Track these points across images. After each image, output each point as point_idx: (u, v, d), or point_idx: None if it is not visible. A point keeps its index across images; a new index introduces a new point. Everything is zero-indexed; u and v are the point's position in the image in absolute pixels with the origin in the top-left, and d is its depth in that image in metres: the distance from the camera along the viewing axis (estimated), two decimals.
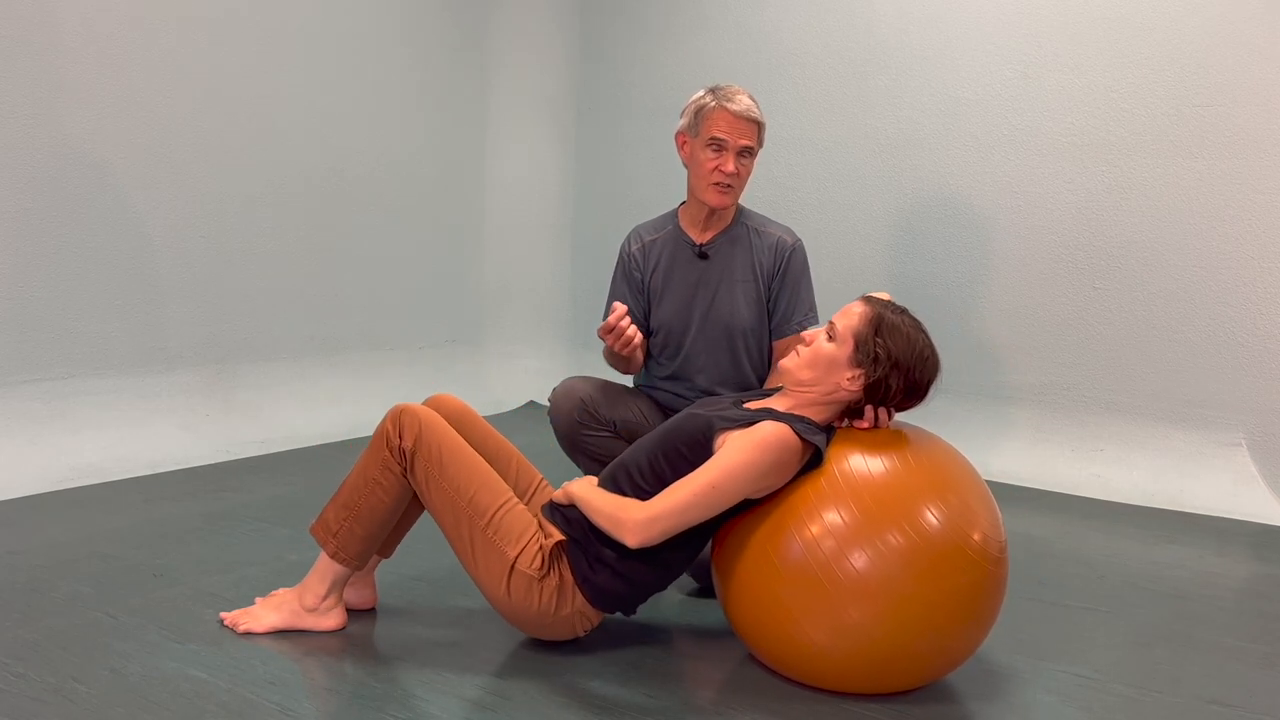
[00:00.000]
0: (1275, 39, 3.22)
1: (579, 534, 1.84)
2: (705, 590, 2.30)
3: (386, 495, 1.87)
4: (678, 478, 1.76)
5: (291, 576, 2.15)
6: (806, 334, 1.85)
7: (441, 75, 4.44)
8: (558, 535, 1.84)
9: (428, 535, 2.62)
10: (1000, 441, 3.69)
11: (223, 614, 1.97)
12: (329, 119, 3.94)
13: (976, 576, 1.65)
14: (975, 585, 1.65)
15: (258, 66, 3.64)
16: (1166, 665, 1.99)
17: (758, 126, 2.34)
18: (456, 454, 1.85)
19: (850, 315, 1.81)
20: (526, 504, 1.99)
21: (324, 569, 1.92)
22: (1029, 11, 3.62)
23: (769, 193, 4.14)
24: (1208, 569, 2.66)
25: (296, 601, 1.94)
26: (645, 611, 2.16)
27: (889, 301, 1.84)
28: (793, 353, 1.85)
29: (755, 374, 2.43)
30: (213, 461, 3.32)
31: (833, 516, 1.65)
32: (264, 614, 1.93)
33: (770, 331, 2.48)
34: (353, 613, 2.02)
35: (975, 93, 3.74)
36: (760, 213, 2.55)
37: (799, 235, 2.50)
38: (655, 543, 1.73)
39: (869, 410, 1.82)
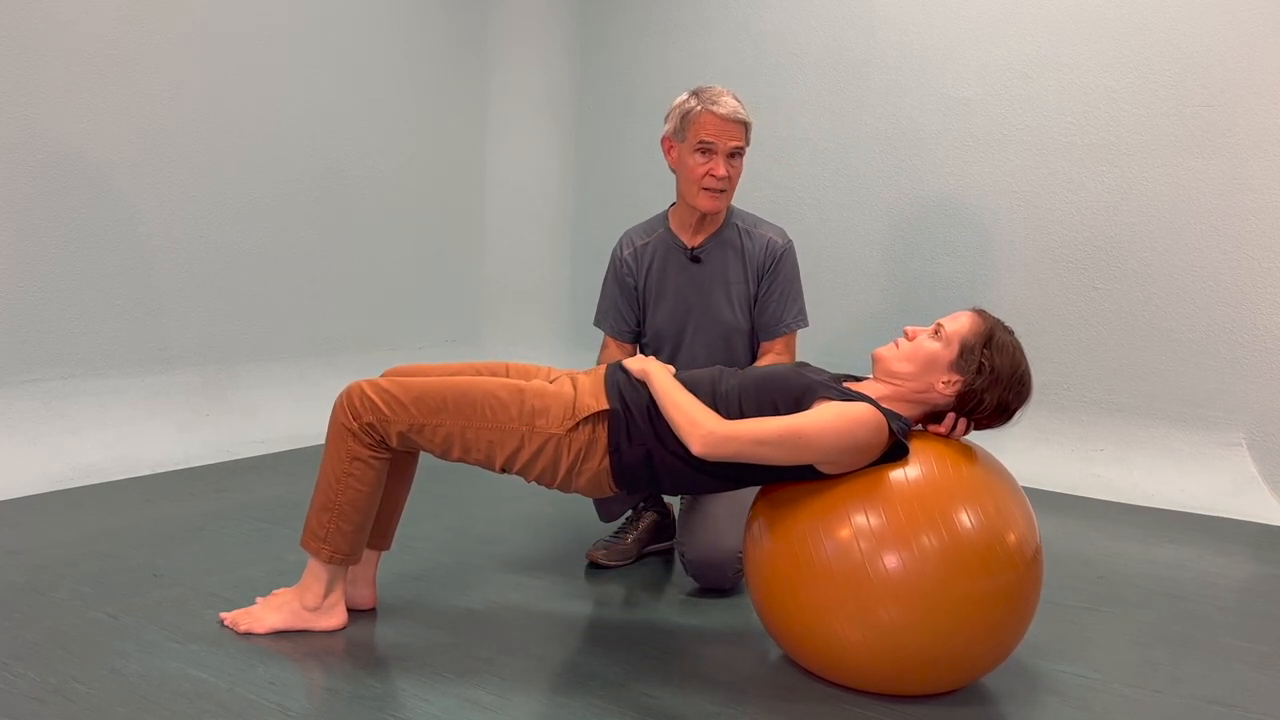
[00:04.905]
0: (1276, 38, 3.22)
1: (635, 410, 1.85)
2: (705, 589, 2.31)
3: (362, 484, 1.87)
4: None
5: (291, 576, 2.15)
6: (909, 329, 1.84)
7: (441, 75, 4.44)
8: (604, 404, 1.85)
9: (428, 535, 2.63)
10: (1000, 441, 3.68)
11: (223, 614, 1.96)
12: (328, 119, 3.94)
13: (1010, 578, 1.66)
14: (1009, 586, 1.66)
15: (257, 66, 3.64)
16: (1166, 665, 1.99)
17: (745, 127, 2.32)
18: (426, 391, 1.85)
19: (960, 321, 1.81)
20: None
21: (319, 568, 1.92)
22: (1029, 12, 3.62)
23: (767, 193, 4.14)
24: (1208, 569, 2.66)
25: (297, 601, 1.93)
26: (645, 611, 2.16)
27: (999, 319, 1.83)
28: (891, 344, 1.85)
29: None
30: (213, 461, 3.32)
31: (869, 517, 1.66)
32: (264, 614, 1.93)
33: (756, 331, 2.47)
34: (353, 613, 2.02)
35: (975, 93, 3.74)
36: (752, 213, 2.53)
37: (790, 236, 2.49)
38: (716, 460, 1.73)
39: (950, 417, 1.81)
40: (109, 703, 1.62)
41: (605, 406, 1.85)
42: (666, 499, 2.63)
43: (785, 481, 1.81)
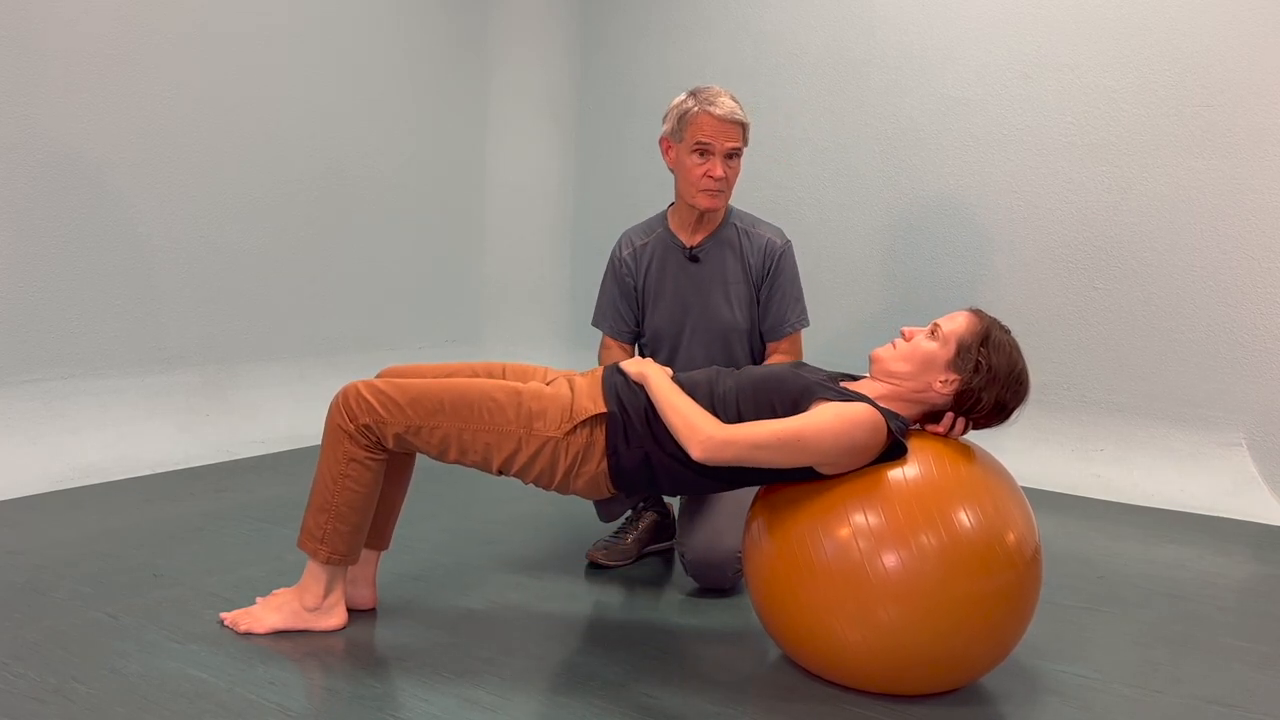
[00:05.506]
0: (1276, 38, 3.22)
1: (633, 413, 1.85)
2: (705, 589, 2.31)
3: (359, 485, 1.86)
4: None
5: (291, 576, 2.15)
6: (906, 330, 1.85)
7: (441, 75, 4.44)
8: (601, 407, 1.85)
9: (426, 535, 2.63)
10: (999, 441, 3.68)
11: (223, 614, 1.96)
12: (328, 119, 3.94)
13: (1010, 578, 1.66)
14: (1008, 586, 1.66)
15: (257, 66, 3.64)
16: (1166, 665, 1.99)
17: (742, 128, 2.32)
18: (423, 393, 1.85)
19: (957, 321, 1.81)
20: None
21: (318, 568, 1.92)
22: (1029, 11, 3.62)
23: (767, 193, 4.14)
24: (1208, 569, 2.66)
25: (297, 602, 1.93)
26: (645, 611, 2.16)
27: (996, 319, 1.84)
28: (889, 345, 1.85)
29: None
30: (213, 461, 3.32)
31: (868, 517, 1.66)
32: (264, 614, 1.93)
33: (762, 333, 2.48)
34: (353, 613, 2.02)
35: (975, 93, 3.74)
36: (751, 212, 2.54)
37: (789, 236, 2.50)
38: (715, 464, 1.74)
39: (948, 417, 1.82)
40: (109, 703, 1.62)
41: (603, 409, 1.85)
42: (666, 499, 2.63)
43: (784, 482, 1.81)
